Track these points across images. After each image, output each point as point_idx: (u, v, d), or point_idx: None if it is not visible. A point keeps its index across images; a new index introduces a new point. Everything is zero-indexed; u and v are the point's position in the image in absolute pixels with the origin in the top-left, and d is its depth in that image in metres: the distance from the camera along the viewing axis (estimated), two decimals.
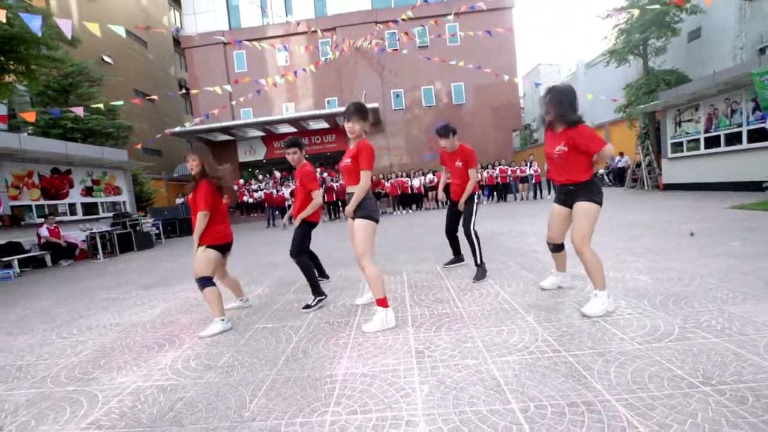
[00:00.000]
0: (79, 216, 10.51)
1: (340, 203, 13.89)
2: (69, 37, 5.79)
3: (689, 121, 11.21)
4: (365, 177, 2.70)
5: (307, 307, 3.30)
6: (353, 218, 2.76)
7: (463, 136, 19.90)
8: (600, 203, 2.62)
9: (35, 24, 5.25)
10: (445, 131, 3.90)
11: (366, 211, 2.73)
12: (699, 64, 13.71)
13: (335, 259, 5.60)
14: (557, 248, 3.06)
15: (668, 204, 8.47)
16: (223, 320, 2.93)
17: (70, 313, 4.02)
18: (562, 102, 2.59)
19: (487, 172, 14.83)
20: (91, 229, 9.04)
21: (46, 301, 4.78)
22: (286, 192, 13.88)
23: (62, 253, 8.92)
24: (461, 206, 3.91)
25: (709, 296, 2.64)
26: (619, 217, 7.14)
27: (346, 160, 2.78)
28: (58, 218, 9.67)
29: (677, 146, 11.79)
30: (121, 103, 8.78)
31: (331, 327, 2.79)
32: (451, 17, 15.34)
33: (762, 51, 12.15)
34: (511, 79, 17.95)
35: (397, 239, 7.13)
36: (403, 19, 13.71)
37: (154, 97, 10.13)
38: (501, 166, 14.92)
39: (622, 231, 5.52)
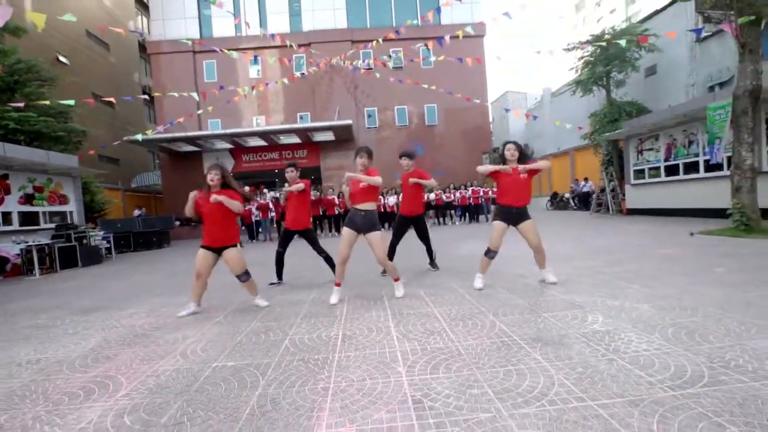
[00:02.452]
0: (15, 226, 9.35)
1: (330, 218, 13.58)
2: (5, 19, 5.11)
3: (650, 149, 11.79)
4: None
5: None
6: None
7: (435, 156, 20.18)
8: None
9: None
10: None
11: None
12: (654, 98, 14.62)
13: (308, 279, 5.13)
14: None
15: (638, 228, 8.67)
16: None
17: None
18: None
19: (460, 193, 14.89)
20: (27, 242, 7.99)
21: None
22: (254, 208, 13.16)
23: None
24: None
25: (721, 329, 2.45)
26: (593, 240, 7.17)
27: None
28: None
29: (639, 173, 12.34)
30: (71, 102, 7.97)
31: (306, 366, 2.35)
32: (422, 45, 15.60)
33: (711, 89, 13.13)
34: (482, 103, 18.44)
35: (372, 261, 6.73)
36: (377, 41, 13.74)
37: (111, 99, 9.30)
38: (473, 187, 15.04)
39: (603, 255, 5.45)
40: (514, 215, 3.88)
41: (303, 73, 17.89)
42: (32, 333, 3.55)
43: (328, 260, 4.91)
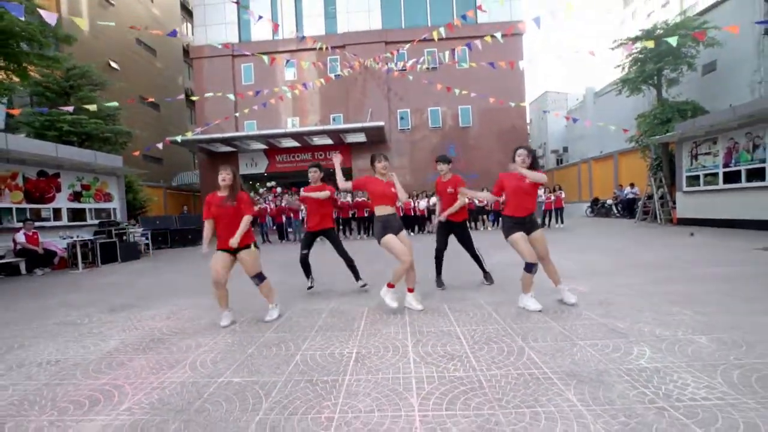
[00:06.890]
0: (64, 222, 9.98)
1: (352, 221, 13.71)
2: (52, 24, 5.37)
3: (707, 154, 10.78)
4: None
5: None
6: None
7: (469, 158, 19.67)
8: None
9: (17, 12, 4.87)
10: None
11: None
12: (713, 97, 13.41)
13: (327, 286, 5.01)
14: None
15: (690, 241, 7.90)
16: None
17: (10, 338, 3.42)
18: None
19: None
20: (72, 237, 8.47)
21: None
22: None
23: (39, 260, 8.34)
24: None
25: None
26: (639, 253, 6.57)
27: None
28: (40, 223, 9.15)
29: (693, 179, 11.33)
30: (116, 104, 8.40)
31: (313, 389, 2.19)
32: (450, 51, 15.11)
33: None
34: (518, 105, 17.71)
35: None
36: (410, 41, 13.48)
37: (151, 99, 9.74)
38: None
39: (649, 272, 4.94)
40: (528, 225, 3.64)
41: (337, 75, 18.02)
42: (60, 330, 3.65)
43: (351, 264, 4.77)
